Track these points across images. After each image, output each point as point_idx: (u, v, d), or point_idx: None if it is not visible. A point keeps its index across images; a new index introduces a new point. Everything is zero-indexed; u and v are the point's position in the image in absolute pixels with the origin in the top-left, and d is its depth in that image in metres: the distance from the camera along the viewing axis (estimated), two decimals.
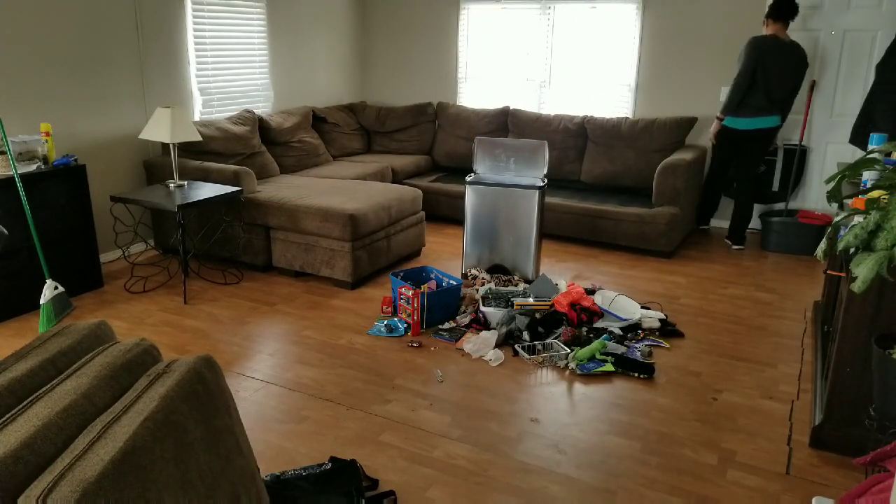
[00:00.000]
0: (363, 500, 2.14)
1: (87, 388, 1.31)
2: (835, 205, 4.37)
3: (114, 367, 1.40)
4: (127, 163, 4.51)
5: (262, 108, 5.52)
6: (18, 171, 3.51)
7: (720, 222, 5.53)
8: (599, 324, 3.48)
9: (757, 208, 5.38)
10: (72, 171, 3.81)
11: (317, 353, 3.24)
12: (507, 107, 5.89)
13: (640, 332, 3.45)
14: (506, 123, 5.86)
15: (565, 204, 4.97)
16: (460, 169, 6.05)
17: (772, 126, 4.69)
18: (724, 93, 5.27)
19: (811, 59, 4.97)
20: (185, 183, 4.13)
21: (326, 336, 3.43)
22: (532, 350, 3.24)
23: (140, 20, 4.43)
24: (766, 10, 4.66)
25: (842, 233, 2.34)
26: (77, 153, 4.18)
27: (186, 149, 4.49)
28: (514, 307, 3.50)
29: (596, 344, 3.16)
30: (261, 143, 5.02)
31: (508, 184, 4.03)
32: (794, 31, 4.96)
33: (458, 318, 3.57)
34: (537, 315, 3.47)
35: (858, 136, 3.99)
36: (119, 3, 4.28)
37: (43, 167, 3.72)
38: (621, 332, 3.39)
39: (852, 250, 2.16)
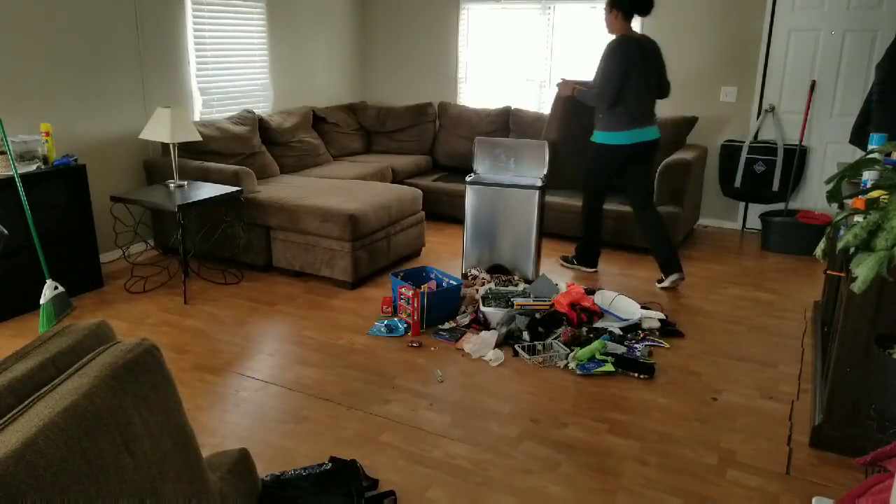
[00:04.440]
0: (363, 500, 2.14)
1: (88, 388, 1.31)
2: (835, 205, 4.37)
3: (115, 366, 1.39)
4: (127, 163, 4.51)
5: (262, 108, 5.52)
6: (18, 171, 3.51)
7: (715, 221, 5.54)
8: (599, 324, 3.48)
9: (757, 208, 5.39)
10: (72, 171, 3.81)
11: (317, 353, 3.24)
12: (509, 107, 5.89)
13: (640, 332, 3.44)
14: (507, 123, 5.86)
15: (566, 203, 4.97)
16: (461, 168, 6.05)
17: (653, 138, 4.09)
18: (724, 93, 5.28)
19: (811, 58, 4.97)
20: (185, 183, 4.13)
21: (326, 336, 3.43)
22: (532, 350, 3.24)
23: (140, 20, 4.43)
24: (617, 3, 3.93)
25: (842, 233, 2.34)
26: (77, 153, 4.18)
27: (186, 149, 4.49)
28: (514, 307, 3.50)
29: (596, 344, 3.16)
30: (261, 143, 5.02)
31: (508, 184, 4.03)
32: (795, 31, 4.97)
33: (458, 318, 3.57)
34: (537, 315, 3.46)
35: (858, 136, 3.98)
36: (119, 3, 4.28)
37: (43, 167, 3.72)
38: (621, 332, 3.39)
39: (852, 250, 2.16)
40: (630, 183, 4.14)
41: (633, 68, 3.88)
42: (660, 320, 3.53)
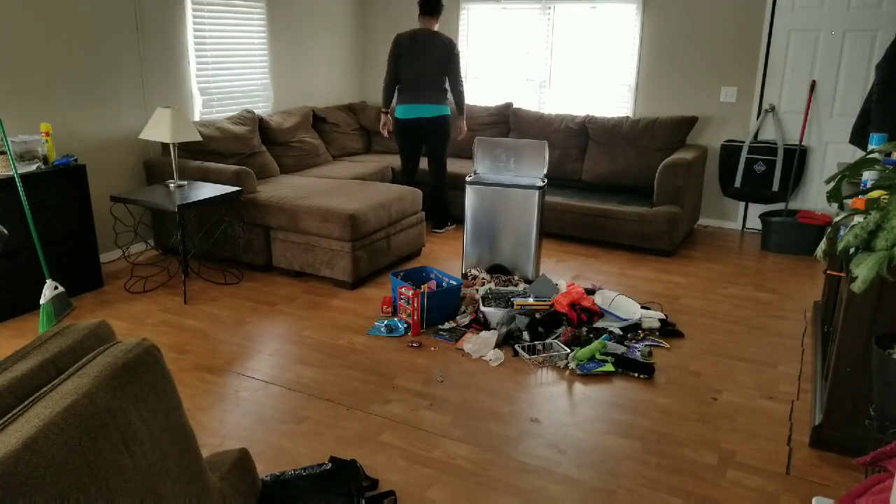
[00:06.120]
0: (363, 500, 2.14)
1: (88, 388, 1.31)
2: (835, 205, 4.37)
3: (115, 366, 1.40)
4: (127, 163, 4.51)
5: (262, 108, 5.52)
6: (18, 171, 3.51)
7: (715, 221, 5.54)
8: (599, 324, 3.48)
9: (757, 208, 5.39)
10: (72, 171, 3.81)
11: (317, 353, 3.24)
12: (510, 103, 5.89)
13: (640, 332, 3.45)
14: (507, 120, 5.86)
15: (566, 203, 4.97)
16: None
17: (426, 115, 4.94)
18: (724, 93, 5.27)
19: (811, 58, 4.97)
20: (185, 183, 4.13)
21: (326, 336, 3.43)
22: (532, 350, 3.24)
23: (140, 20, 4.43)
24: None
25: (842, 233, 2.34)
26: (77, 153, 4.18)
27: (186, 149, 4.49)
28: (514, 307, 3.50)
29: (596, 344, 3.16)
30: (261, 143, 5.02)
31: (508, 184, 4.03)
32: (795, 31, 4.97)
33: (458, 318, 3.57)
34: (537, 315, 3.47)
35: (858, 136, 3.98)
36: (119, 3, 4.28)
37: (43, 167, 3.72)
38: (621, 332, 3.39)
39: (852, 250, 2.16)
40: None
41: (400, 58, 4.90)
42: (660, 320, 3.53)
